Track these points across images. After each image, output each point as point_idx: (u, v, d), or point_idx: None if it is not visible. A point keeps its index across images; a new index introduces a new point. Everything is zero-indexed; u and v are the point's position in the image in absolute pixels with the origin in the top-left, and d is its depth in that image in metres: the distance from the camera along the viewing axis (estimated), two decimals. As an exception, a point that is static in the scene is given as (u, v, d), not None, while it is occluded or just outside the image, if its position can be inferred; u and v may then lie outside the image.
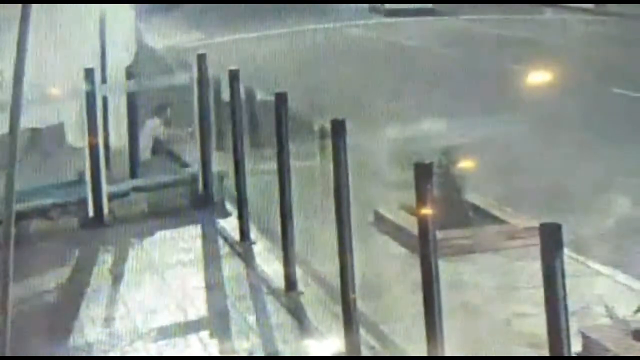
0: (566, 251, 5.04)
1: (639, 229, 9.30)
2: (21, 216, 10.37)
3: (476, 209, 9.62)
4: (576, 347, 6.31)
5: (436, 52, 22.68)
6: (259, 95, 13.48)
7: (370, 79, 18.39)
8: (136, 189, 11.12)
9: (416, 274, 6.19)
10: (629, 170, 11.17)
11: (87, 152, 10.56)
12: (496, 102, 15.60)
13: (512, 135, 13.25)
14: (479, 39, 24.81)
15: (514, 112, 14.42)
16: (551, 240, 4.81)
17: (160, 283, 8.78)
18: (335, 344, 7.12)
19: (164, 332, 7.72)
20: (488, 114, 14.65)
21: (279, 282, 8.40)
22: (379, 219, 9.93)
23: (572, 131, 13.22)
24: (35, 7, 4.67)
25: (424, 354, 6.10)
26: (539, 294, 4.89)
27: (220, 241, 10.01)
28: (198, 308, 8.22)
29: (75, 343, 7.62)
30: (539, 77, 15.83)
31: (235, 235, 9.89)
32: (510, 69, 18.25)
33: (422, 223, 6.03)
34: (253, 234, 9.81)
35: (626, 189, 10.18)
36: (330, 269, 7.53)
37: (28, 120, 11.54)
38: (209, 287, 8.70)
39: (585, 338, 6.66)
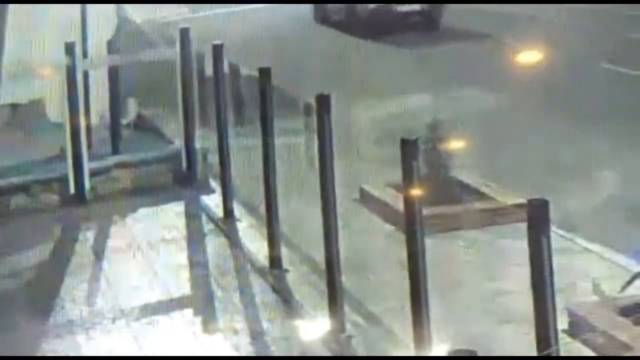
0: (553, 228, 4.98)
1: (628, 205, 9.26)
2: (1, 192, 10.28)
3: (463, 185, 9.56)
4: (563, 325, 6.26)
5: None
6: (243, 71, 13.35)
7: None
8: (118, 166, 11.00)
9: (402, 251, 6.13)
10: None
11: (68, 127, 10.44)
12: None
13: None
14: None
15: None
16: (538, 217, 4.76)
17: (143, 261, 8.69)
18: (319, 321, 7.06)
19: (147, 310, 7.64)
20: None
21: (264, 259, 8.32)
22: (365, 196, 9.86)
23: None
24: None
25: (409, 330, 6.05)
26: (526, 271, 4.84)
27: (204, 218, 9.93)
28: (181, 286, 8.15)
29: (57, 320, 7.53)
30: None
31: (219, 213, 9.81)
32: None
33: (408, 200, 5.97)
34: (237, 211, 9.72)
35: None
36: (315, 246, 7.46)
37: (8, 95, 11.46)
38: (193, 265, 8.62)
39: (571, 315, 6.62)
